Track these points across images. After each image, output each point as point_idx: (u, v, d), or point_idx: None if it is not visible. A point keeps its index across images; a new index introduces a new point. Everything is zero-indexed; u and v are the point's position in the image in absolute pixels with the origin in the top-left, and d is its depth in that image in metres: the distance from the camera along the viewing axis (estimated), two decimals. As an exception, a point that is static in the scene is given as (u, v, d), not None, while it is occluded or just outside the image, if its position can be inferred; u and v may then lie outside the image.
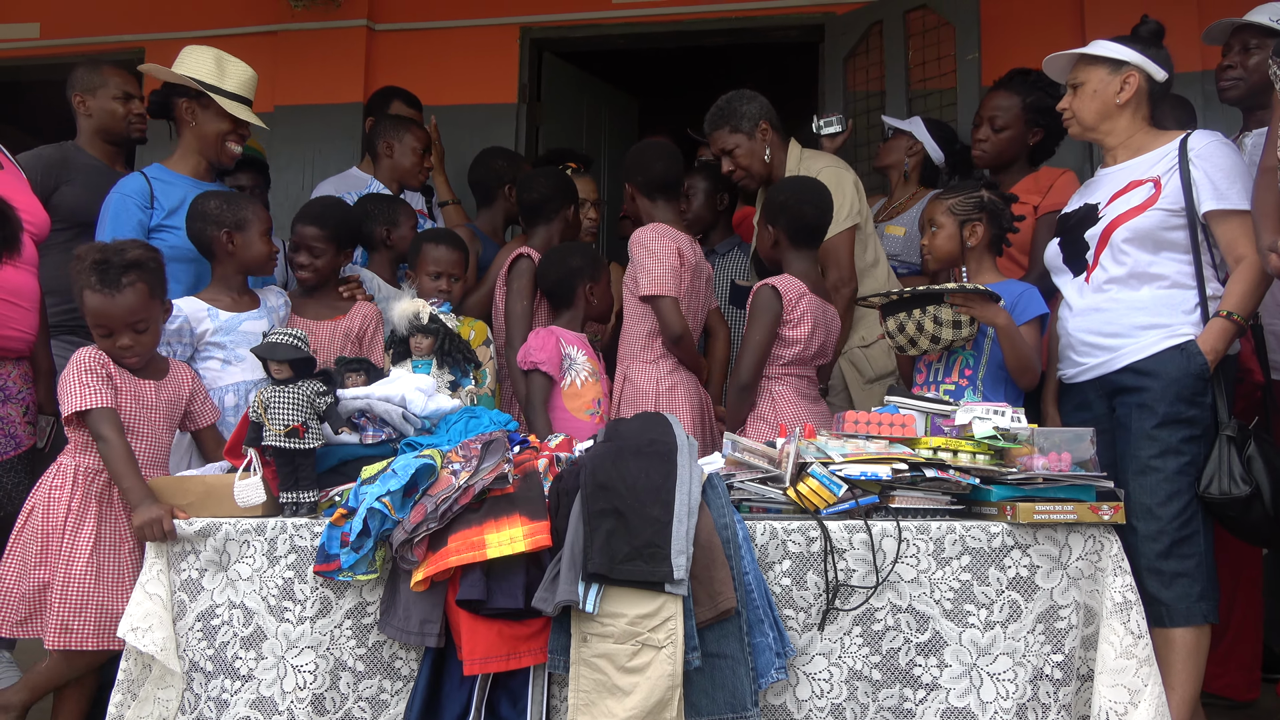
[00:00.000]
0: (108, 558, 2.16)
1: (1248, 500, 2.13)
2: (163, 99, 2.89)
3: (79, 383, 2.14)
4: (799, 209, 2.70)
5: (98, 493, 2.19)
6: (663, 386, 2.73)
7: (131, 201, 2.74)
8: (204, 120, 2.85)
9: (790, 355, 2.64)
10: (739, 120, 3.00)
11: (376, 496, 1.90)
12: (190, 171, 2.87)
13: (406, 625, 1.91)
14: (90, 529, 2.16)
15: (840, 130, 3.54)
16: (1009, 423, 2.11)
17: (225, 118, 2.85)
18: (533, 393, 2.70)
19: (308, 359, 2.12)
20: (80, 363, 2.18)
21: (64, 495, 2.18)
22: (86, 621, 2.10)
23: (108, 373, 2.19)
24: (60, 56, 4.68)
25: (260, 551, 2.03)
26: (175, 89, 2.86)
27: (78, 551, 2.14)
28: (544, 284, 2.87)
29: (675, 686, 1.81)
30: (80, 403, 2.13)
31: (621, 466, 1.95)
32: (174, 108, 2.87)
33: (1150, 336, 2.26)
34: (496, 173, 3.36)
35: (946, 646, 1.92)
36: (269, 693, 1.97)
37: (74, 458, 2.22)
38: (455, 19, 4.56)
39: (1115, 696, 1.89)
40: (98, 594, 2.12)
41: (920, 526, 1.96)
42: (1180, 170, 2.28)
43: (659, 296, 2.71)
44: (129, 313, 2.17)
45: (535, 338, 2.74)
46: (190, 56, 2.87)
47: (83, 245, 2.28)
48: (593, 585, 1.84)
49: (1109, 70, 2.38)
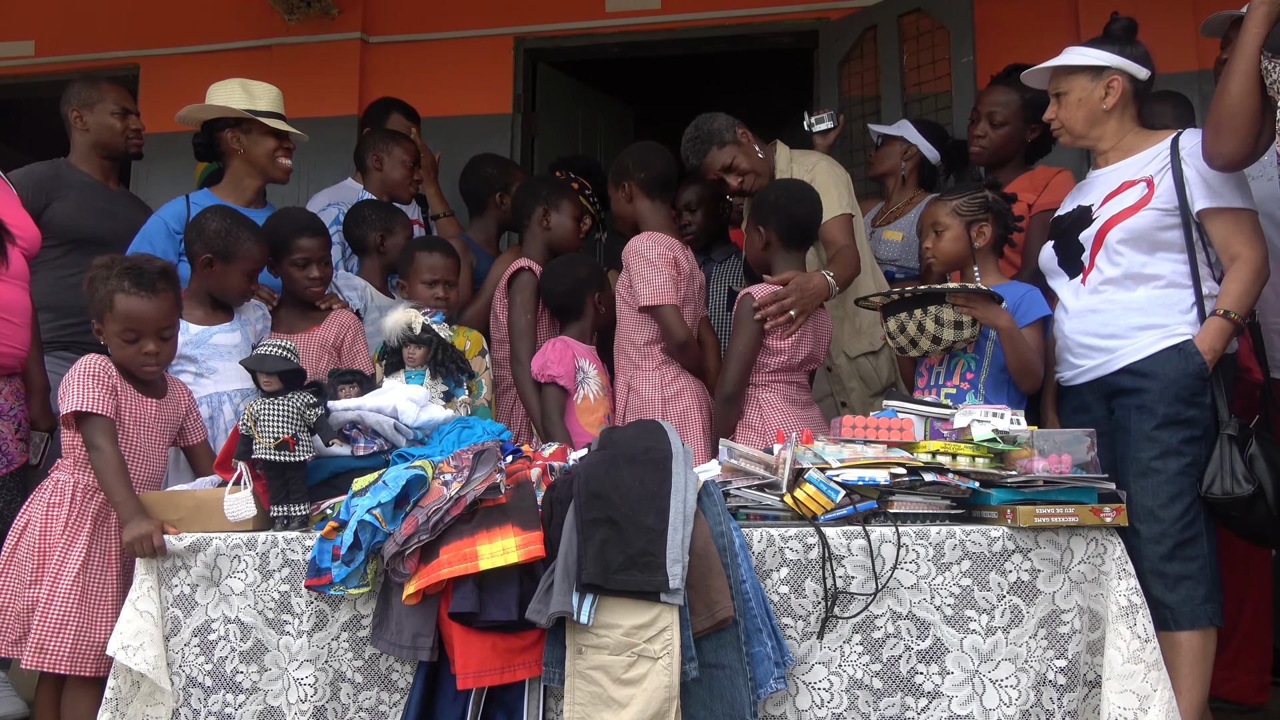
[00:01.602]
0: (94, 580, 2.13)
1: (1251, 500, 2.11)
2: (207, 139, 3.00)
3: (82, 385, 2.13)
4: (791, 208, 2.67)
5: (94, 512, 2.17)
6: (669, 393, 2.70)
7: (164, 225, 2.85)
8: (251, 144, 2.96)
9: (776, 363, 2.63)
10: (719, 134, 2.96)
11: (367, 509, 1.88)
12: (236, 199, 2.95)
13: (399, 639, 1.88)
14: (81, 548, 2.13)
15: (832, 126, 3.54)
16: (1008, 425, 2.09)
17: (271, 136, 2.96)
18: (549, 406, 2.68)
19: (297, 370, 2.11)
20: (87, 367, 2.17)
21: (60, 513, 2.15)
22: (64, 643, 2.07)
23: (113, 384, 2.18)
24: (55, 74, 4.69)
25: (252, 566, 2.01)
26: (216, 124, 2.97)
27: (66, 570, 2.11)
28: (551, 298, 2.86)
29: (672, 698, 1.79)
30: (82, 403, 2.11)
31: (615, 475, 1.93)
32: (219, 142, 2.97)
33: (1147, 337, 2.24)
34: (487, 180, 3.34)
35: (948, 653, 1.89)
36: (276, 703, 1.97)
37: (72, 474, 2.20)
38: (449, 30, 4.58)
39: (1124, 703, 1.85)
40: (78, 617, 2.09)
41: (919, 531, 1.93)
42: (1173, 169, 2.27)
43: (660, 305, 2.69)
44: (163, 316, 2.22)
45: (552, 350, 2.73)
46: (221, 91, 3.00)
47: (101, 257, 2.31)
48: (587, 596, 1.81)
49: (1091, 77, 2.38)
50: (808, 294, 2.60)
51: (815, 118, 3.57)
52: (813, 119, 3.58)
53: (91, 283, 2.23)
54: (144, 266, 2.23)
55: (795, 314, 2.57)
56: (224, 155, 3.00)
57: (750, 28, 4.41)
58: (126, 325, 2.18)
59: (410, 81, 4.42)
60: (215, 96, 2.99)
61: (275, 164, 2.99)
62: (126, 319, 2.18)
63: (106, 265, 2.23)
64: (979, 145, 3.11)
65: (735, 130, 2.97)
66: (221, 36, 4.66)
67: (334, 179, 3.82)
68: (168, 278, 2.25)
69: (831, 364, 3.03)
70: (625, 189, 2.91)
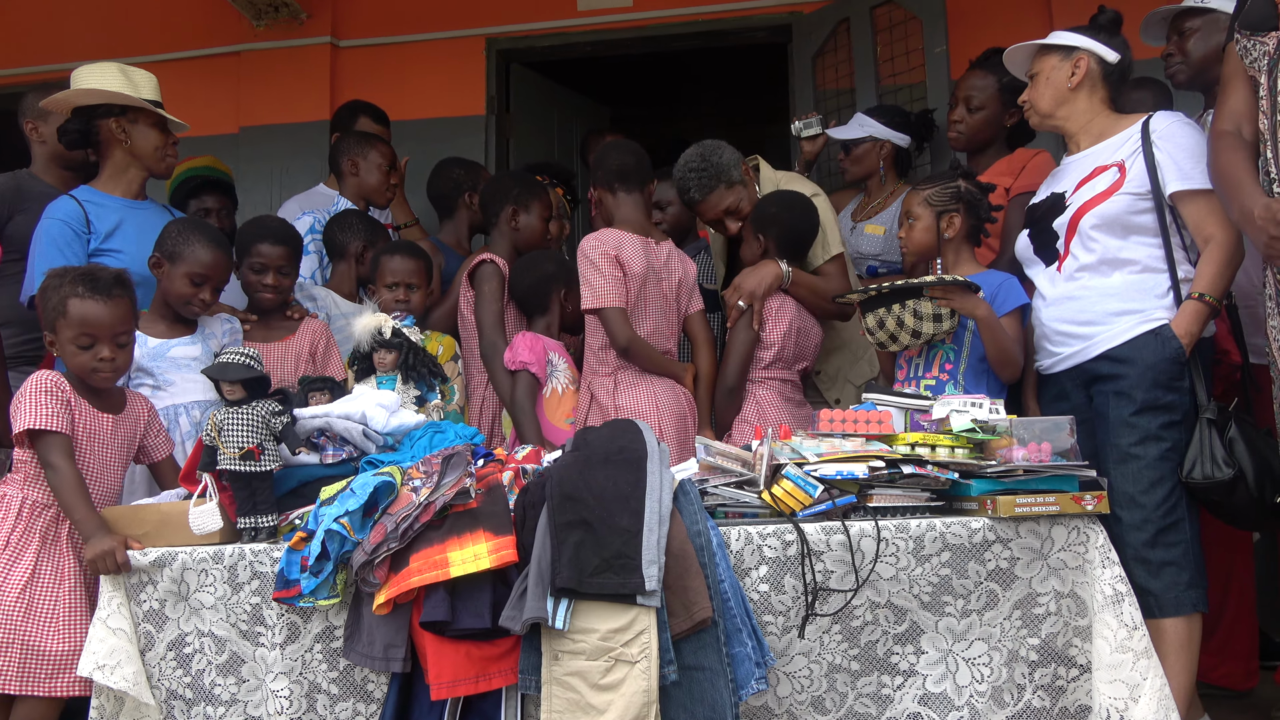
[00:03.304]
0: (41, 596, 2.07)
1: (1231, 483, 2.10)
2: (83, 125, 2.74)
3: (35, 402, 2.07)
4: (791, 221, 2.78)
5: (42, 528, 2.12)
6: (623, 399, 2.65)
7: (65, 226, 2.64)
8: (137, 135, 2.74)
9: (769, 357, 2.68)
10: (728, 173, 2.85)
11: (334, 518, 1.84)
12: (123, 192, 2.77)
13: (371, 651, 1.85)
14: (27, 565, 2.07)
15: (820, 131, 3.51)
16: (987, 415, 2.08)
17: (158, 127, 2.77)
18: (520, 393, 2.65)
19: (261, 378, 2.07)
20: (38, 383, 2.11)
21: (3, 527, 2.09)
22: (10, 662, 2.01)
23: (67, 399, 2.12)
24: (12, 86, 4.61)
25: (221, 579, 1.97)
26: (95, 111, 2.72)
27: (8, 587, 2.05)
28: (516, 292, 2.84)
29: (651, 703, 1.76)
30: (35, 421, 2.05)
31: (589, 476, 1.90)
32: (97, 131, 2.73)
33: (1124, 323, 2.23)
34: (455, 182, 3.32)
35: (923, 634, 1.90)
36: (256, 713, 1.95)
37: (21, 489, 2.13)
38: (420, 33, 4.53)
39: (1114, 693, 1.85)
40: (24, 632, 2.03)
41: (899, 525, 1.91)
42: (1144, 153, 2.27)
43: (601, 308, 2.66)
44: (119, 321, 2.17)
45: (522, 340, 2.71)
46: (95, 76, 2.73)
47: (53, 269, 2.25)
48: (562, 600, 1.78)
49: (1061, 57, 2.40)
50: (755, 279, 2.71)
51: (804, 122, 3.54)
52: (800, 124, 3.55)
53: (44, 293, 2.18)
54: (99, 273, 2.19)
55: (746, 301, 2.69)
56: (99, 145, 2.75)
57: (723, 23, 4.39)
58: (82, 330, 2.13)
59: (382, 85, 4.38)
60: (89, 80, 2.71)
61: (161, 159, 2.78)
62: (82, 323, 2.13)
63: (59, 274, 2.18)
64: (956, 130, 3.11)
65: (742, 168, 2.90)
66: (188, 44, 4.61)
67: (305, 185, 3.77)
68: (123, 284, 2.20)
69: (840, 396, 3.04)
70: (595, 193, 2.92)
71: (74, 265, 2.35)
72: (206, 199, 3.57)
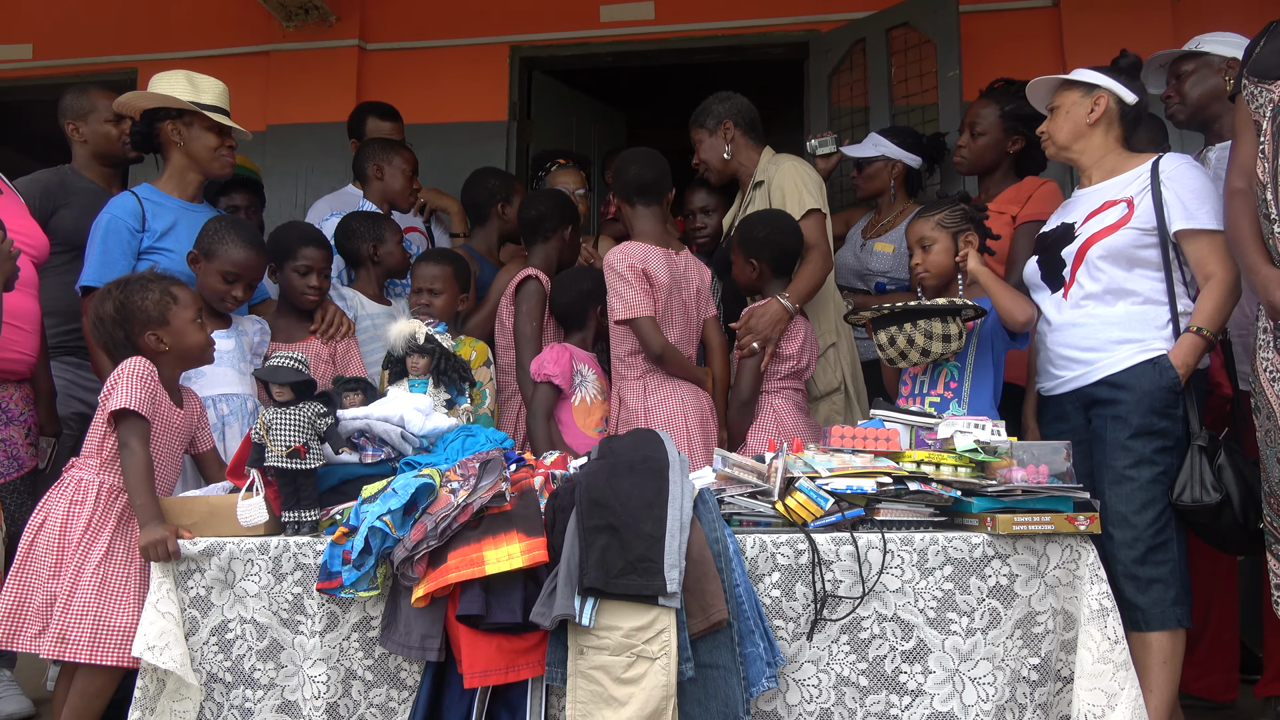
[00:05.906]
0: (115, 571, 2.15)
1: (1218, 508, 2.20)
2: (146, 128, 2.89)
3: (130, 384, 2.16)
4: (781, 242, 2.88)
5: (118, 510, 2.20)
6: (652, 401, 2.77)
7: (123, 223, 2.74)
8: (191, 138, 2.86)
9: (785, 370, 2.83)
10: (705, 117, 3.20)
11: (378, 515, 1.94)
12: (180, 194, 2.88)
13: (408, 640, 1.95)
14: (104, 544, 2.16)
15: (834, 150, 3.61)
16: (989, 436, 2.16)
17: (213, 131, 2.87)
18: (536, 404, 2.75)
19: (308, 381, 2.17)
20: (134, 368, 2.20)
21: (83, 510, 2.17)
22: (83, 633, 2.09)
23: (154, 389, 2.22)
24: (53, 78, 4.72)
25: (265, 569, 2.07)
26: (157, 114, 2.86)
27: (88, 564, 2.14)
28: (556, 307, 2.95)
29: (669, 697, 1.86)
30: (129, 401, 2.13)
31: (615, 483, 2.00)
32: (158, 134, 2.87)
33: (1124, 351, 2.33)
34: (490, 192, 3.40)
35: (930, 654, 1.97)
36: (293, 698, 2.05)
37: (97, 474, 2.21)
38: (446, 39, 4.62)
39: (1093, 700, 1.95)
40: (98, 606, 2.11)
41: (904, 538, 2.01)
42: (1152, 191, 2.36)
43: (634, 319, 2.77)
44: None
45: (549, 351, 2.81)
46: (164, 81, 2.88)
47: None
48: (588, 599, 1.89)
49: (1082, 93, 2.49)
50: (765, 323, 2.83)
51: (819, 140, 3.64)
52: (815, 142, 3.64)
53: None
54: None
55: (759, 344, 2.82)
56: (162, 147, 2.89)
57: (742, 39, 4.48)
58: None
59: (407, 88, 4.46)
60: (158, 86, 2.88)
61: (216, 160, 2.88)
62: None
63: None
64: (960, 155, 3.24)
65: (721, 122, 3.17)
66: (220, 42, 4.69)
67: (331, 185, 3.87)
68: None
69: None
70: (614, 202, 3.04)
71: None
72: (235, 196, 3.63)
